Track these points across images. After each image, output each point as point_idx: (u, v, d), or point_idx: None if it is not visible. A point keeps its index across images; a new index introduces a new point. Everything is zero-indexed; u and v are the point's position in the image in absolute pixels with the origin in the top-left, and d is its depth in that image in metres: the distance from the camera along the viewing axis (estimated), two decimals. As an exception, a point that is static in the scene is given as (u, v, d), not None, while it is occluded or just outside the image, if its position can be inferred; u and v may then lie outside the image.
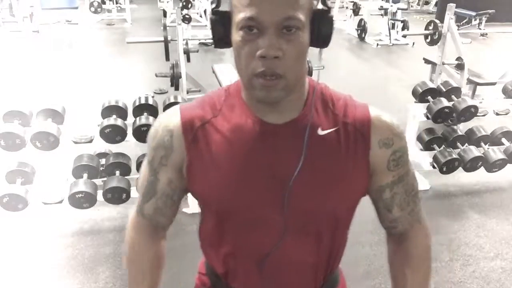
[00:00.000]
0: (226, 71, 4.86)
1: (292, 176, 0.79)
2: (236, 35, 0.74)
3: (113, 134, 2.60)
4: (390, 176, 0.86)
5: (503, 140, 3.37)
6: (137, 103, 2.74)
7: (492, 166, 3.23)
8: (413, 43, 7.49)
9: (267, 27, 0.71)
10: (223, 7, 0.79)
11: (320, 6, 0.78)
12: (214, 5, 0.79)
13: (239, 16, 0.72)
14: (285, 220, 0.82)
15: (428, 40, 4.76)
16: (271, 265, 0.87)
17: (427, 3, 11.96)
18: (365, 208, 1.00)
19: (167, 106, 2.81)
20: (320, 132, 0.81)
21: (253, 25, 0.71)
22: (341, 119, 0.83)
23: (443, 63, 4.45)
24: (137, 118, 2.66)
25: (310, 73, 3.94)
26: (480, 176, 3.36)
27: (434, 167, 3.22)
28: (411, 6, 11.64)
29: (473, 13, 7.41)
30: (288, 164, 0.80)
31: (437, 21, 4.66)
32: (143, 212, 0.94)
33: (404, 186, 0.89)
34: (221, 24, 0.78)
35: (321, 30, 0.77)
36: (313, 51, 0.82)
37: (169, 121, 0.86)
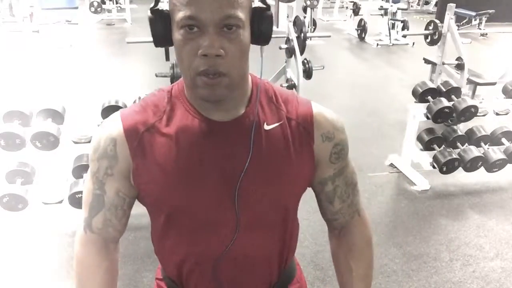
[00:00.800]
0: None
1: (241, 172, 0.80)
2: (177, 34, 0.74)
3: (113, 134, 2.59)
4: (332, 169, 0.89)
5: (503, 140, 3.37)
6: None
7: (492, 166, 3.23)
8: (413, 43, 7.49)
9: (207, 26, 0.71)
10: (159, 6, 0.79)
11: (258, 4, 0.79)
12: (152, 4, 0.78)
13: (179, 15, 0.72)
14: (237, 218, 0.83)
15: (428, 40, 4.76)
16: (226, 264, 0.87)
17: (427, 3, 11.96)
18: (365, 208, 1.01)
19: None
20: (266, 127, 0.82)
21: (193, 24, 0.71)
22: (285, 114, 0.85)
23: (443, 63, 4.45)
24: (137, 118, 2.66)
25: (310, 73, 3.93)
26: (480, 176, 3.36)
27: (434, 167, 3.22)
28: (411, 6, 11.64)
29: (473, 13, 7.41)
30: (237, 161, 0.81)
31: (437, 21, 4.65)
32: (91, 227, 0.90)
33: (344, 178, 0.92)
34: (160, 23, 0.77)
35: (261, 28, 0.77)
36: (313, 53, 0.82)
37: (110, 129, 0.83)
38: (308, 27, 7.46)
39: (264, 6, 0.78)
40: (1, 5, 7.60)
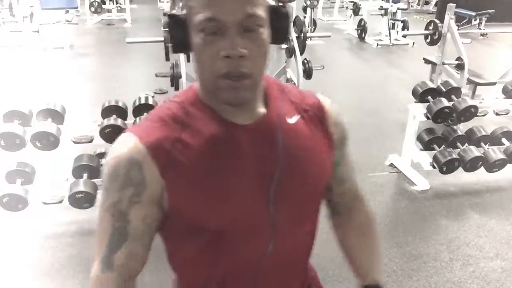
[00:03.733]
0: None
1: (276, 172, 0.79)
2: (196, 37, 0.71)
3: (113, 134, 2.59)
4: (340, 152, 0.92)
5: (503, 140, 3.37)
6: (137, 103, 2.74)
7: (492, 166, 3.23)
8: (413, 43, 7.49)
9: (229, 27, 0.69)
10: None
11: (273, 2, 0.77)
12: (169, 10, 0.78)
13: (198, 17, 0.70)
14: (273, 222, 0.80)
15: (428, 40, 4.76)
16: (265, 270, 0.85)
17: (427, 3, 11.95)
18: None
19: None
20: (289, 120, 0.82)
21: (213, 26, 0.69)
22: (300, 106, 0.86)
23: (443, 63, 4.45)
24: (137, 118, 2.66)
25: (310, 73, 3.94)
26: (480, 176, 3.36)
27: (434, 167, 3.22)
28: (411, 6, 11.63)
29: (473, 13, 7.40)
30: (270, 162, 0.79)
31: (437, 21, 4.65)
32: (111, 265, 0.79)
33: (348, 161, 0.96)
34: (178, 28, 0.75)
35: (279, 26, 0.76)
36: (313, 53, 0.82)
37: (129, 153, 0.74)
38: (308, 27, 7.46)
39: (281, 3, 0.77)
40: (1, 5, 7.60)
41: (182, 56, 4.04)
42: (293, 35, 3.88)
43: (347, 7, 9.56)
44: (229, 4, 0.69)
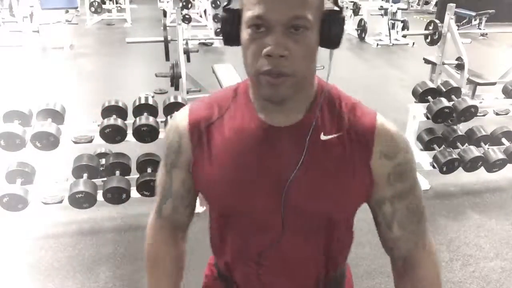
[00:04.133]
0: (226, 71, 4.86)
1: (290, 178, 0.80)
2: (244, 33, 0.75)
3: (113, 134, 2.59)
4: (391, 190, 0.84)
5: (503, 140, 3.36)
6: (137, 103, 2.74)
7: (492, 166, 3.23)
8: (413, 43, 7.49)
9: (274, 26, 0.71)
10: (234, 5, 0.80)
11: (330, 6, 0.78)
12: (225, 3, 0.80)
13: (248, 14, 0.73)
14: (283, 221, 0.82)
15: (428, 40, 4.76)
16: (268, 263, 0.89)
17: (427, 3, 11.95)
18: (365, 209, 1.00)
19: (167, 106, 2.81)
20: (323, 137, 0.80)
21: (260, 24, 0.71)
22: (346, 124, 0.81)
23: (443, 63, 4.45)
24: (137, 118, 2.66)
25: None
26: (480, 176, 3.36)
27: (434, 167, 3.22)
28: (411, 6, 11.63)
29: (473, 13, 7.39)
30: (288, 167, 0.80)
31: (437, 21, 4.65)
32: (161, 213, 0.96)
33: (407, 204, 0.86)
34: (231, 21, 0.78)
35: (331, 31, 0.76)
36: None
37: (178, 123, 0.88)
38: (308, 27, 7.45)
39: (337, 8, 0.77)
40: (1, 5, 7.60)
41: (182, 56, 4.04)
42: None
43: (347, 7, 9.55)
44: (278, 4, 0.70)
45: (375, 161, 0.81)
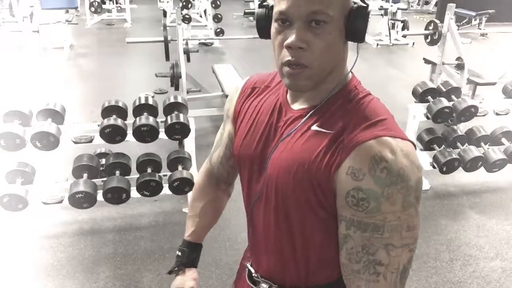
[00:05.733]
0: (226, 71, 4.86)
1: (272, 153, 0.89)
2: (272, 27, 0.83)
3: (113, 134, 2.59)
4: (349, 212, 0.77)
5: (503, 140, 3.36)
6: (137, 103, 2.74)
7: (492, 166, 3.23)
8: (413, 43, 7.49)
9: (295, 20, 0.77)
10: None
11: (357, 1, 0.81)
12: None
13: (275, 9, 0.80)
14: (262, 187, 0.91)
15: (428, 40, 4.76)
16: (252, 219, 0.99)
17: (427, 3, 11.94)
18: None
19: (167, 106, 2.81)
20: (314, 127, 0.84)
21: (284, 18, 0.78)
22: (341, 127, 0.80)
23: (443, 63, 4.45)
24: (137, 118, 2.66)
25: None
26: (480, 176, 3.36)
27: (434, 167, 3.22)
28: (411, 6, 11.62)
29: (473, 13, 7.41)
30: (274, 141, 0.90)
31: (437, 21, 4.65)
32: (211, 159, 1.13)
33: (364, 239, 0.76)
34: (264, 16, 0.86)
35: (354, 25, 0.80)
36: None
37: (238, 85, 1.04)
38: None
39: (364, 4, 0.80)
40: (1, 5, 7.60)
41: (182, 56, 4.04)
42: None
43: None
44: (299, 0, 0.76)
45: (340, 174, 0.77)
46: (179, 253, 1.13)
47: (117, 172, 2.71)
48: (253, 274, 1.02)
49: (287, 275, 0.95)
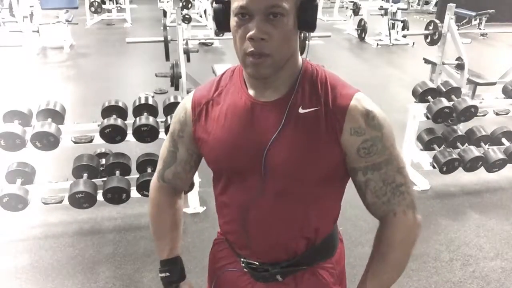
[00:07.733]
0: (226, 71, 4.85)
1: (268, 144, 0.91)
2: (232, 21, 0.87)
3: (113, 134, 2.59)
4: (363, 162, 0.93)
5: (503, 140, 3.36)
6: (137, 103, 2.74)
7: (492, 166, 3.23)
8: (413, 43, 7.49)
9: (255, 14, 0.83)
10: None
11: None
12: None
13: (234, 4, 0.85)
14: (263, 182, 0.94)
15: (428, 40, 4.76)
16: (253, 219, 0.99)
17: (427, 3, 11.95)
18: (363, 208, 1.01)
19: (167, 106, 2.81)
20: (301, 110, 0.91)
21: (244, 12, 0.84)
22: (323, 101, 0.91)
23: (443, 63, 4.45)
24: (137, 118, 2.66)
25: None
26: (480, 176, 3.36)
27: (434, 167, 3.22)
28: (411, 6, 11.63)
29: (473, 13, 7.40)
30: (269, 136, 0.92)
31: (437, 21, 4.65)
32: (163, 178, 1.13)
33: (381, 174, 0.94)
34: (222, 11, 0.91)
35: (306, 16, 0.87)
36: (313, 53, 0.84)
37: (186, 101, 1.05)
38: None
39: None
40: (1, 5, 7.60)
41: (182, 56, 4.04)
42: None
43: (347, 7, 9.56)
44: None
45: (345, 137, 0.90)
46: (166, 274, 1.16)
47: (117, 172, 2.71)
48: (263, 268, 1.03)
49: (300, 245, 1.01)
